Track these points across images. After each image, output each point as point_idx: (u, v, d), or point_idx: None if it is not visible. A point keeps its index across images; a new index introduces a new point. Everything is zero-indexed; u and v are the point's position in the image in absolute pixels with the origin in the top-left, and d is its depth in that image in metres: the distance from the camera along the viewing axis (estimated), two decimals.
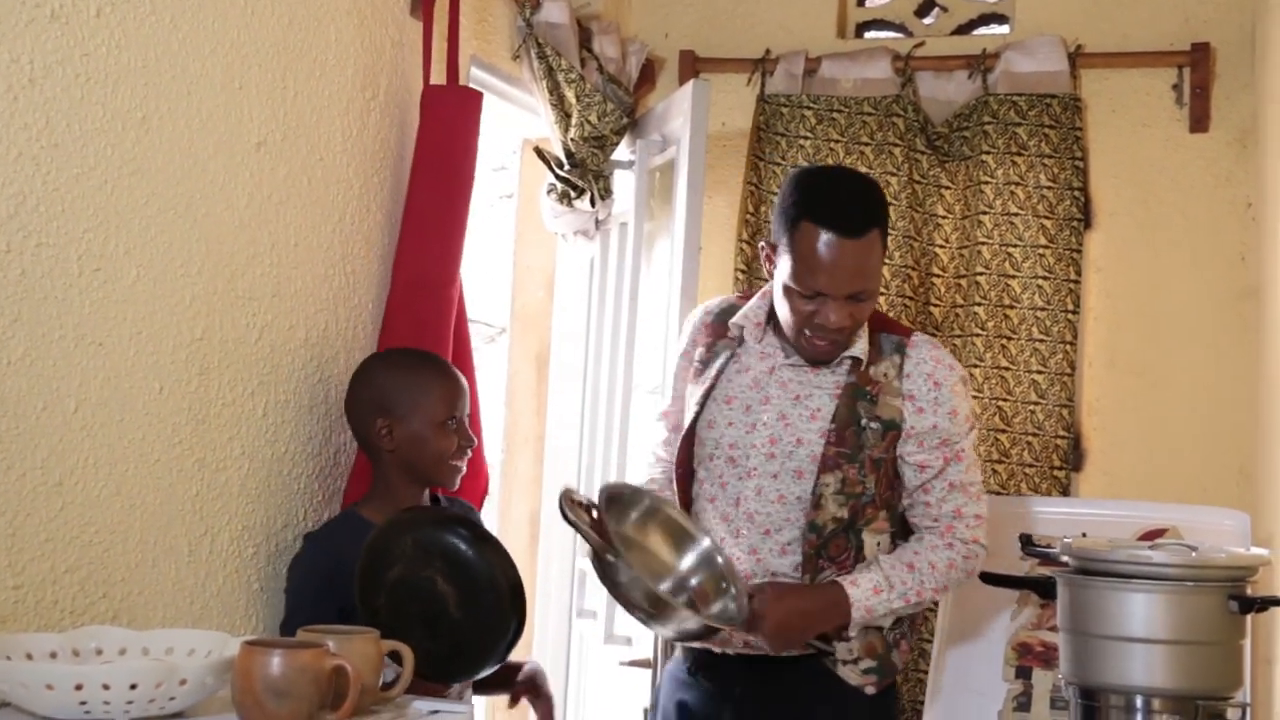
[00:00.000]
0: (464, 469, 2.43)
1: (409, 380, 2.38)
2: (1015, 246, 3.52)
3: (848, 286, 2.32)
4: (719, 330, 2.54)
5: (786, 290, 2.36)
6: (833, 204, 2.34)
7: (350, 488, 2.61)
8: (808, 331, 2.37)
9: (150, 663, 1.78)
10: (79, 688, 1.66)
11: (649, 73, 3.82)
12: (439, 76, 2.91)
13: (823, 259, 2.30)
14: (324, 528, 2.43)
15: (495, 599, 2.14)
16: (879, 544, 2.43)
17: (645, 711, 2.67)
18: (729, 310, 2.54)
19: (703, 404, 2.49)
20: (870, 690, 2.43)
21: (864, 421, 2.39)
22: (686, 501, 2.51)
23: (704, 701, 2.50)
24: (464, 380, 2.46)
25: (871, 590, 2.36)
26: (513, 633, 2.18)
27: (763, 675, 2.44)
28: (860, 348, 2.41)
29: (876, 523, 2.44)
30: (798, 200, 2.35)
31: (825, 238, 2.30)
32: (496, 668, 2.21)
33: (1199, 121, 3.51)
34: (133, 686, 1.67)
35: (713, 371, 2.50)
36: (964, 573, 2.44)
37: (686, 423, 2.51)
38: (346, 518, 2.39)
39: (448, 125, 2.78)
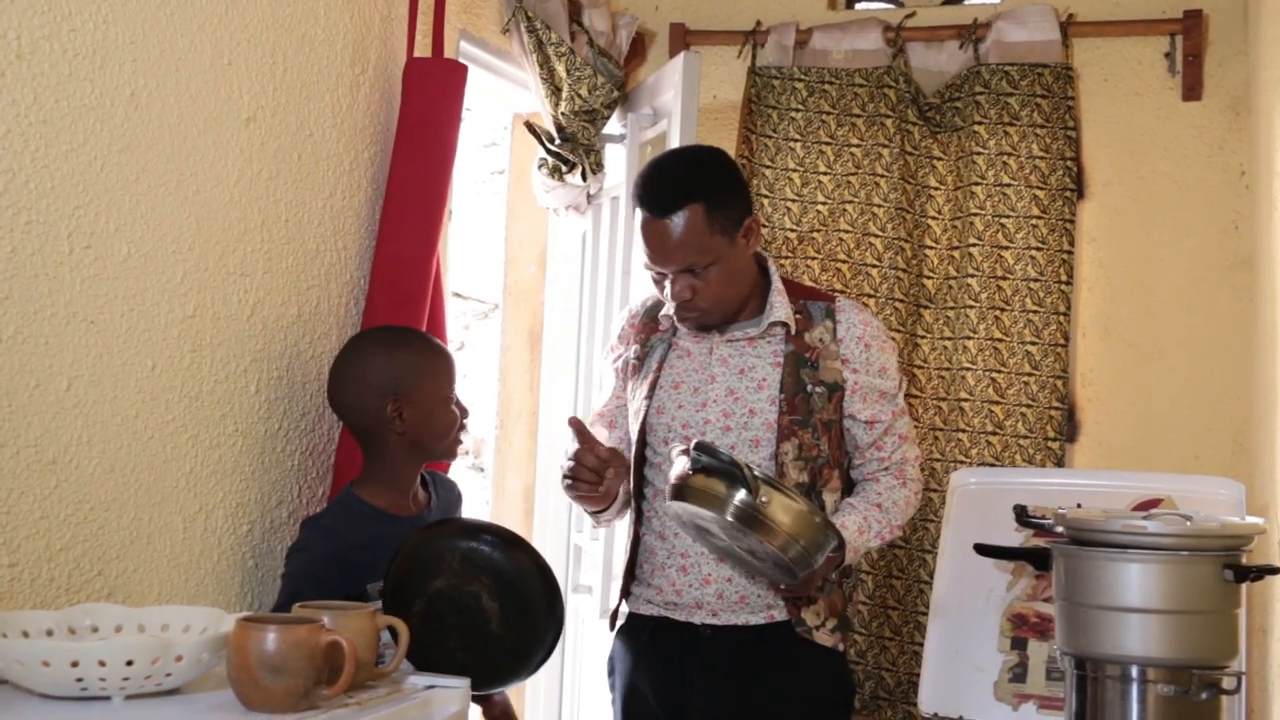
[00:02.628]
0: (463, 440, 2.43)
1: (413, 360, 2.36)
2: (1008, 217, 3.51)
3: (672, 261, 2.42)
4: (649, 327, 2.63)
5: (650, 274, 2.51)
6: (646, 185, 2.46)
7: (338, 468, 2.59)
8: (672, 305, 2.48)
9: (146, 639, 1.78)
10: (75, 665, 1.65)
11: (639, 46, 3.80)
12: (426, 51, 2.89)
13: (645, 237, 2.44)
14: (325, 513, 2.38)
15: (540, 620, 2.19)
16: (835, 502, 2.54)
17: (609, 678, 2.69)
18: (655, 306, 2.63)
19: (650, 393, 2.55)
20: (840, 647, 2.55)
21: (809, 387, 2.50)
22: (639, 488, 2.59)
23: (671, 673, 2.54)
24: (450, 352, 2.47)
25: (857, 531, 2.47)
26: (548, 651, 2.22)
27: (729, 644, 2.50)
28: (782, 312, 2.52)
29: (832, 483, 2.55)
30: (632, 186, 2.49)
31: (643, 217, 2.43)
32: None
33: (1192, 89, 3.50)
34: (129, 663, 1.67)
35: (653, 363, 2.59)
36: (915, 507, 2.61)
37: (638, 414, 2.57)
38: (346, 500, 2.35)
39: (431, 98, 2.76)
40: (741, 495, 2.21)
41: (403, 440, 2.34)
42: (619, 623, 2.67)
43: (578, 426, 2.43)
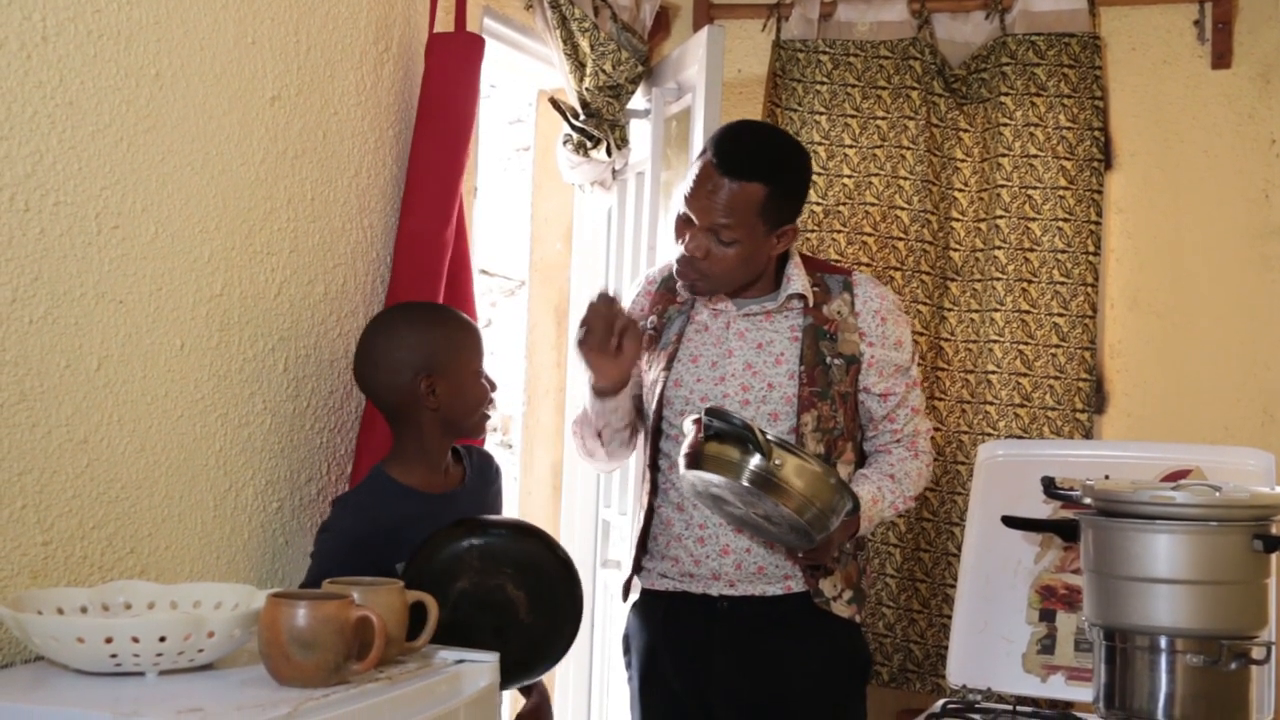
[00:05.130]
0: (490, 416, 2.42)
1: (446, 335, 2.34)
2: (1035, 189, 3.49)
3: (707, 216, 2.43)
4: (666, 298, 2.64)
5: (677, 212, 2.51)
6: (729, 139, 2.49)
7: (360, 447, 2.60)
8: (679, 257, 2.49)
9: (178, 616, 1.80)
10: (109, 640, 1.67)
11: (663, 20, 3.79)
12: (448, 26, 2.89)
13: (697, 181, 2.46)
14: (355, 492, 2.37)
15: (562, 599, 2.21)
16: (848, 473, 2.56)
17: (625, 655, 2.70)
18: (672, 278, 2.62)
19: (668, 366, 2.56)
20: (857, 619, 2.58)
21: (828, 359, 2.52)
22: (655, 461, 2.60)
23: (689, 648, 2.56)
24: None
25: (871, 501, 2.49)
26: (575, 632, 2.24)
27: (748, 616, 2.52)
28: (800, 285, 2.53)
29: (846, 454, 2.57)
30: (715, 132, 2.55)
31: (707, 161, 2.46)
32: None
33: (1221, 58, 3.47)
34: (161, 639, 1.69)
35: (672, 335, 2.59)
36: (927, 480, 2.66)
37: (655, 386, 2.58)
38: (376, 479, 2.33)
39: (449, 72, 2.76)
40: (756, 460, 2.22)
41: (435, 417, 2.32)
42: (633, 598, 2.68)
43: (604, 295, 2.48)
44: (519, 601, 2.17)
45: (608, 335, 2.43)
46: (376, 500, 2.30)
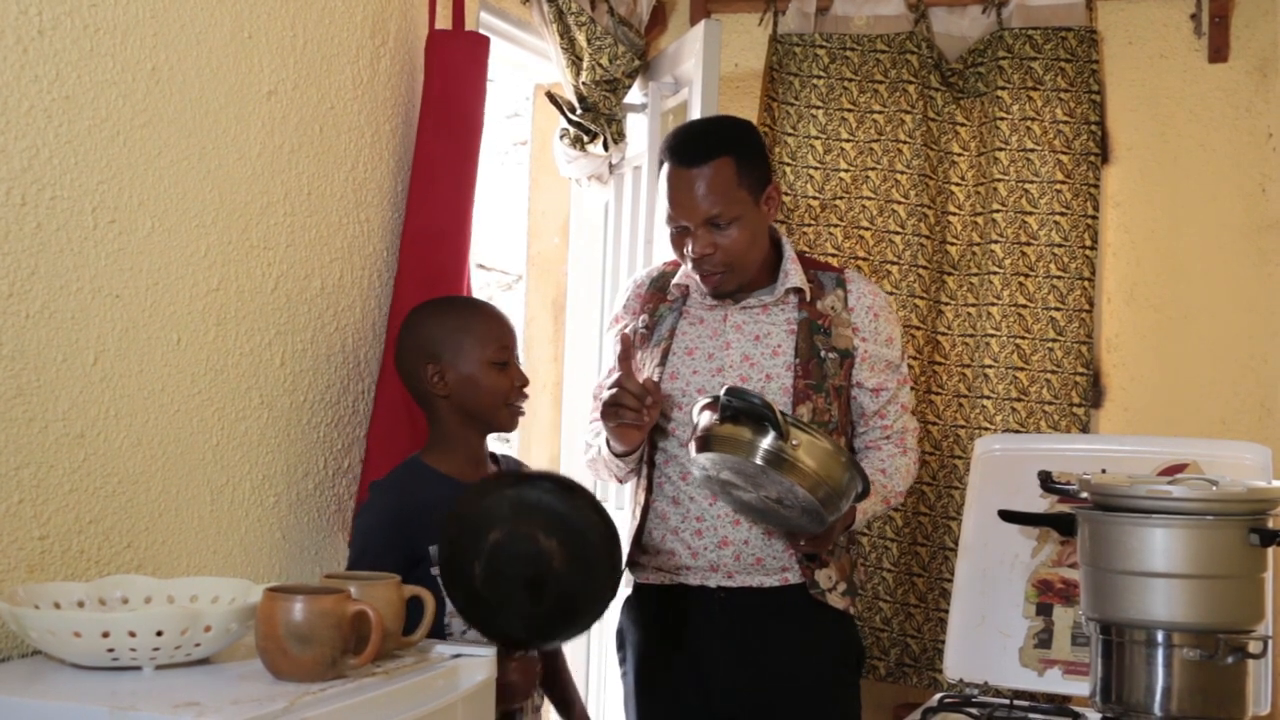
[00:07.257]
0: (523, 410, 2.38)
1: (454, 323, 2.35)
2: (1032, 183, 3.49)
3: (698, 212, 2.46)
4: (657, 298, 2.66)
5: (669, 233, 2.53)
6: (678, 138, 2.55)
7: (370, 448, 2.60)
8: (691, 267, 2.52)
9: (175, 610, 1.80)
10: (106, 635, 1.68)
11: (660, 14, 3.79)
12: (446, 22, 2.89)
13: (672, 189, 2.49)
14: (391, 476, 2.37)
15: (598, 549, 2.10)
16: None
17: (619, 651, 2.70)
18: (662, 277, 2.68)
19: (663, 360, 2.57)
20: (851, 611, 2.61)
21: (823, 353, 2.55)
22: (651, 456, 2.60)
23: (687, 638, 2.56)
24: (510, 321, 2.42)
25: None
26: (616, 582, 2.15)
27: (744, 607, 2.53)
28: (797, 279, 2.56)
29: None
30: (662, 145, 2.58)
31: (670, 170, 2.49)
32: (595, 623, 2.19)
33: (1218, 51, 3.47)
34: (158, 633, 1.69)
35: (664, 331, 2.61)
36: (914, 477, 2.69)
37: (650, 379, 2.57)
38: (412, 465, 2.35)
39: (455, 72, 2.76)
40: (770, 439, 2.22)
41: (450, 405, 2.33)
42: (625, 593, 2.67)
43: (627, 344, 2.47)
44: (552, 551, 2.06)
45: (638, 413, 2.43)
46: (412, 482, 2.31)
